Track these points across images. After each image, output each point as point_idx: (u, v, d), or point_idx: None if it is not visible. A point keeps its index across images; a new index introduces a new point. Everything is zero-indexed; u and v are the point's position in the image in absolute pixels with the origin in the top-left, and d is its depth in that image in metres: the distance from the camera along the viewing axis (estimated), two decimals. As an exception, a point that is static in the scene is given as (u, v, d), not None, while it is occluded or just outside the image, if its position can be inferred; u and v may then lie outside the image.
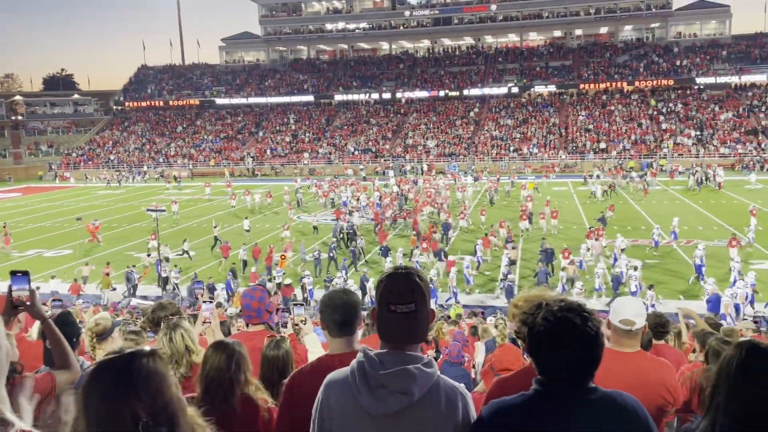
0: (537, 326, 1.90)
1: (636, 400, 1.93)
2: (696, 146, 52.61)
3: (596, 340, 1.88)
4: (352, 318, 2.69)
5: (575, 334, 1.85)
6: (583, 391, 1.87)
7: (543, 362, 1.91)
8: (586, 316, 1.89)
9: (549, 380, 1.89)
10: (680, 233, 26.02)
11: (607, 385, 2.88)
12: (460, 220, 29.94)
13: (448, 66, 72.10)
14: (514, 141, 58.22)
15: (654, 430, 1.89)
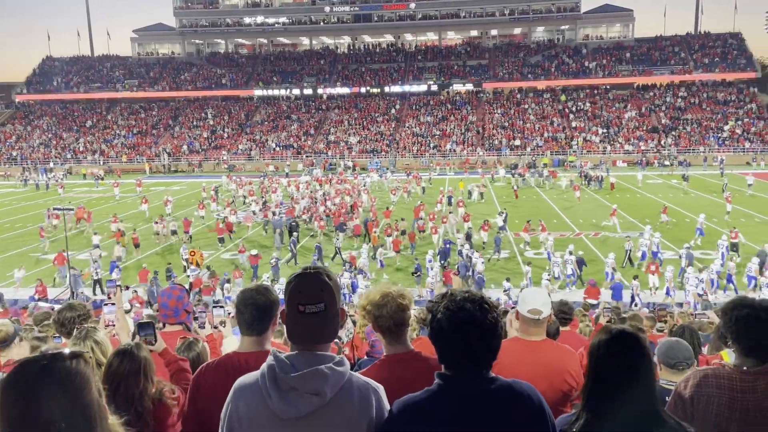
0: (439, 314, 1.97)
1: (532, 388, 2.04)
2: (603, 143, 55.53)
3: (494, 331, 1.97)
4: (262, 317, 2.67)
5: (474, 323, 1.93)
6: (482, 382, 1.96)
7: (443, 349, 1.99)
8: (487, 308, 1.98)
9: (450, 373, 1.97)
10: (589, 226, 27.46)
11: (516, 372, 3.08)
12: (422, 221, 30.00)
13: (369, 63, 72.48)
14: (434, 138, 59.33)
15: (548, 415, 2.00)
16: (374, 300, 2.66)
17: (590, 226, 28.54)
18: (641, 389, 2.06)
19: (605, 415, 2.06)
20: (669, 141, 54.50)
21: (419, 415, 1.93)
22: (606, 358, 2.09)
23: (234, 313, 2.96)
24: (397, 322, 2.63)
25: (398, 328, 2.64)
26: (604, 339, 2.15)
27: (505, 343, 3.33)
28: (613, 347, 2.10)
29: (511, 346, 3.20)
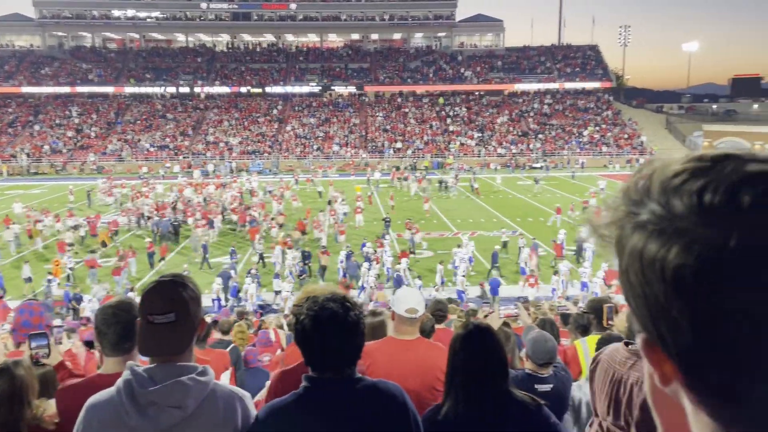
0: (302, 316, 2.00)
1: (397, 387, 2.11)
2: (479, 146, 58.28)
3: (357, 329, 2.01)
4: (128, 335, 2.48)
5: (337, 322, 1.96)
6: (347, 382, 2.01)
7: (308, 350, 2.01)
8: (349, 306, 2.02)
9: (316, 375, 2.01)
10: (465, 226, 28.72)
11: (390, 371, 3.19)
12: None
13: (249, 62, 70.97)
14: (317, 140, 59.25)
15: (411, 413, 2.09)
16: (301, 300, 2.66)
17: (468, 225, 29.83)
18: (493, 374, 2.34)
19: (465, 400, 2.29)
20: (537, 145, 58.27)
21: (285, 419, 1.95)
22: (462, 349, 2.36)
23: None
24: None
25: None
26: (461, 333, 2.41)
27: (380, 342, 3.44)
28: (468, 340, 2.37)
29: (385, 345, 3.29)
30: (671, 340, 0.51)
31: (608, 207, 0.53)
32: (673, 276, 0.48)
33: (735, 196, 0.47)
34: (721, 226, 0.46)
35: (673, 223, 0.48)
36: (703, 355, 0.49)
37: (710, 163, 0.50)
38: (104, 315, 2.52)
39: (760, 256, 0.45)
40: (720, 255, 0.46)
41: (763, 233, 0.45)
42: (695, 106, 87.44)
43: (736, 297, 0.46)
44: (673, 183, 0.50)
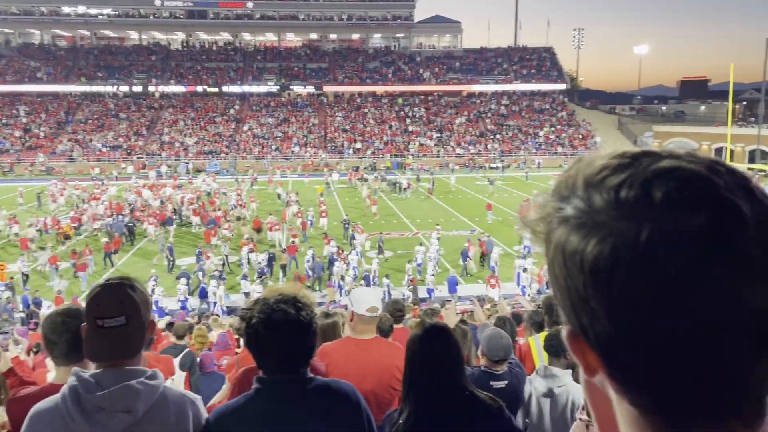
0: (254, 319, 1.97)
1: (350, 386, 2.12)
2: (438, 147, 58.74)
3: (309, 329, 2.00)
4: (79, 343, 2.34)
5: (289, 322, 1.95)
6: (300, 382, 1.99)
7: (260, 353, 1.99)
8: (300, 306, 2.00)
9: (267, 376, 1.99)
10: (425, 225, 28.92)
11: (348, 371, 3.20)
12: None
13: (205, 61, 69.82)
14: (275, 140, 58.72)
15: (364, 413, 2.09)
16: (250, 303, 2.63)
17: (428, 225, 30.03)
18: (452, 374, 2.31)
19: (424, 401, 2.26)
20: (495, 145, 59.08)
21: (237, 421, 1.93)
22: (420, 350, 2.31)
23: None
24: None
25: None
26: (418, 334, 2.37)
27: (337, 343, 3.45)
28: (425, 340, 2.33)
29: (342, 345, 3.31)
30: (591, 330, 0.52)
31: (539, 203, 0.55)
32: (590, 267, 0.50)
33: (648, 191, 0.49)
34: (634, 219, 0.48)
35: (593, 217, 0.50)
36: (619, 344, 0.51)
37: (630, 159, 0.52)
38: (53, 324, 2.43)
39: (668, 247, 0.47)
40: (632, 247, 0.48)
41: (671, 225, 0.47)
42: (646, 107, 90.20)
43: (647, 287, 0.48)
44: (595, 179, 0.52)
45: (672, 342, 0.49)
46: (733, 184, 0.50)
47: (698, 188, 0.49)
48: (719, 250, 0.47)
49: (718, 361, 0.49)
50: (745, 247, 0.48)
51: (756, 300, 0.48)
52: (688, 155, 0.52)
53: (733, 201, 0.49)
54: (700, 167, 0.51)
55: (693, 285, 0.47)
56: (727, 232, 0.48)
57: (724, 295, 0.47)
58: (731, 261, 0.47)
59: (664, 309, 0.48)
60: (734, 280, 0.47)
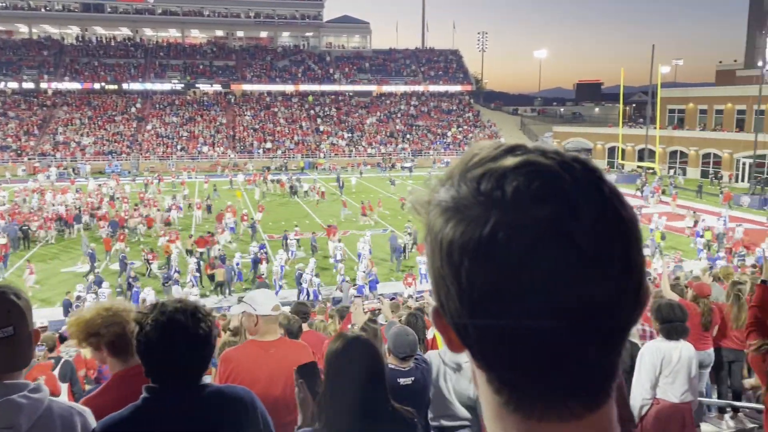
0: (147, 326, 1.87)
1: (246, 391, 2.07)
2: (349, 147, 58.89)
3: (207, 341, 1.93)
4: None
5: (185, 334, 1.86)
6: (192, 391, 1.92)
7: (151, 362, 1.89)
8: (200, 317, 1.92)
9: (158, 385, 1.90)
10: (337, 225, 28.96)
11: (255, 375, 3.19)
12: None
13: (103, 57, 66.24)
14: (181, 139, 56.71)
15: (260, 417, 2.07)
16: (88, 318, 2.50)
17: (340, 225, 30.04)
18: (373, 387, 2.22)
19: (341, 415, 2.16)
20: (405, 145, 60.00)
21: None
22: (340, 364, 2.21)
23: None
24: (130, 335, 2.52)
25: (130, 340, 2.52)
26: (339, 346, 2.25)
27: (241, 347, 3.42)
28: (346, 354, 2.21)
29: (247, 349, 3.27)
30: (447, 308, 0.56)
31: (428, 188, 0.57)
32: (446, 249, 0.53)
33: (501, 183, 0.52)
34: (486, 208, 0.51)
35: (457, 203, 0.53)
36: (466, 324, 0.54)
37: (498, 153, 0.56)
38: None
39: (508, 236, 0.50)
40: (479, 234, 0.51)
41: (515, 216, 0.51)
42: (546, 108, 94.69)
43: (487, 273, 0.51)
44: (466, 169, 0.55)
45: (509, 327, 0.51)
46: (584, 180, 0.53)
47: (544, 182, 0.52)
48: (554, 241, 0.50)
49: (553, 348, 0.51)
50: (579, 240, 0.50)
51: (591, 293, 0.50)
52: (550, 151, 0.55)
53: (573, 195, 0.51)
54: (553, 163, 0.53)
55: (528, 274, 0.50)
56: (563, 225, 0.50)
57: (557, 286, 0.50)
58: (564, 253, 0.50)
59: (501, 294, 0.51)
60: (567, 272, 0.50)
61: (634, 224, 0.54)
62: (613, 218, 0.52)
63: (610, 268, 0.51)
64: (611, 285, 0.51)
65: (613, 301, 0.52)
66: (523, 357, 0.53)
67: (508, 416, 0.57)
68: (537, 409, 0.55)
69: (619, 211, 0.53)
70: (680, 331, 4.63)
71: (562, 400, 0.54)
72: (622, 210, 0.53)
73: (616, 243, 0.52)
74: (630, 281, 0.53)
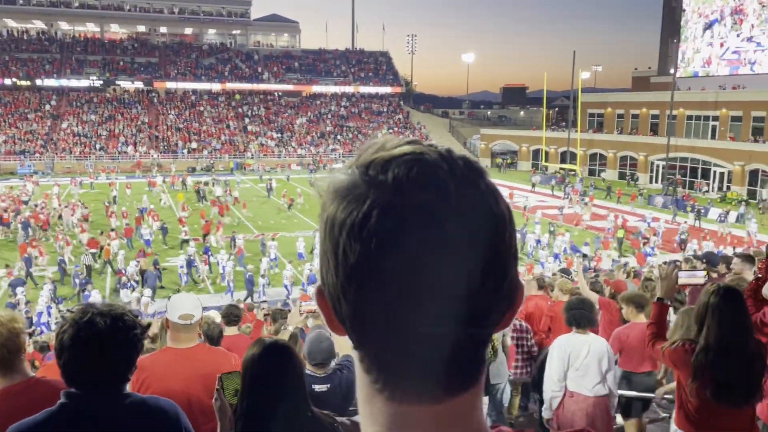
0: (65, 330, 1.79)
1: (168, 402, 1.98)
2: (279, 147, 58.08)
3: (127, 349, 1.85)
4: None
5: (101, 341, 1.78)
6: (113, 399, 1.83)
7: (68, 367, 1.80)
8: (121, 325, 1.83)
9: (77, 391, 1.81)
10: (267, 227, 28.49)
11: (170, 383, 2.98)
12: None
13: (15, 51, 62.41)
14: (99, 138, 54.23)
15: (184, 428, 1.99)
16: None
17: (270, 227, 29.58)
18: (291, 393, 2.18)
19: (259, 421, 2.11)
20: (336, 146, 59.80)
21: None
22: (256, 371, 2.15)
23: None
24: (11, 349, 2.28)
25: (13, 355, 2.29)
26: (256, 353, 2.20)
27: (156, 354, 3.20)
28: (264, 359, 2.17)
29: (162, 356, 3.08)
30: (326, 283, 0.57)
31: (329, 173, 0.59)
32: (329, 225, 0.56)
33: (385, 169, 0.55)
34: (367, 189, 0.54)
35: (347, 186, 0.56)
36: (338, 299, 0.56)
37: (394, 144, 0.58)
38: None
39: (383, 214, 0.53)
40: (354, 214, 0.54)
41: (386, 199, 0.53)
42: (474, 111, 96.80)
43: (354, 251, 0.54)
44: (360, 156, 0.58)
45: (374, 304, 0.53)
46: (462, 174, 0.55)
47: (423, 170, 0.54)
48: (422, 224, 0.52)
49: (414, 330, 0.53)
50: (447, 226, 0.52)
51: (453, 279, 0.52)
52: (440, 148, 0.57)
53: (448, 185, 0.54)
54: (437, 156, 0.56)
55: (395, 253, 0.52)
56: (433, 210, 0.52)
57: (419, 268, 0.52)
58: (431, 236, 0.52)
59: (370, 271, 0.53)
60: (431, 255, 0.52)
61: (504, 220, 0.56)
62: (484, 211, 0.54)
63: (474, 257, 0.53)
64: (474, 274, 0.53)
65: (474, 290, 0.53)
66: (386, 336, 0.54)
67: (376, 396, 0.58)
68: (399, 390, 0.56)
69: (490, 206, 0.55)
70: (579, 319, 4.79)
71: (422, 383, 0.55)
72: (494, 206, 0.55)
73: (482, 233, 0.53)
74: (492, 272, 0.54)
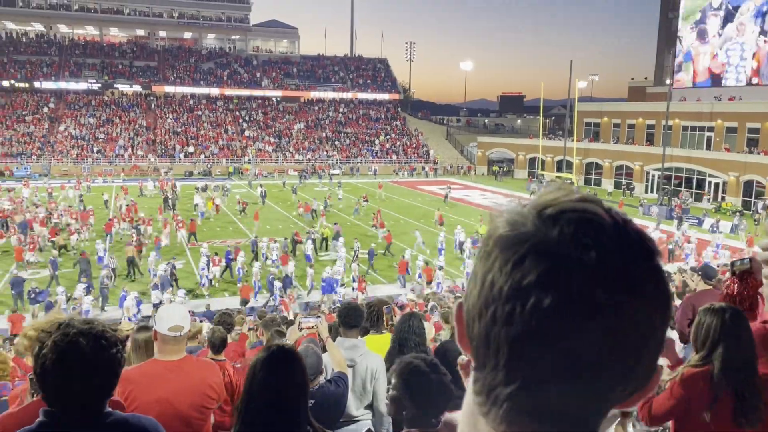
0: (45, 348, 1.76)
1: (151, 421, 1.97)
2: (276, 152, 58.08)
3: (109, 368, 1.82)
4: None
5: (83, 361, 1.75)
6: (93, 418, 1.81)
7: (48, 386, 1.78)
8: (104, 343, 1.80)
9: (57, 409, 1.79)
10: (263, 232, 28.47)
11: (156, 395, 3.00)
12: None
13: (13, 53, 62.42)
14: (97, 141, 54.19)
15: None
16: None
17: (266, 232, 29.54)
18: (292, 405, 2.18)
19: (260, 423, 2.11)
20: (333, 153, 59.80)
21: None
22: (260, 375, 2.17)
23: None
24: None
25: None
26: (262, 356, 2.23)
27: (143, 366, 3.22)
28: (268, 363, 2.19)
29: (148, 369, 3.08)
30: (468, 300, 0.60)
31: (504, 206, 0.61)
32: (487, 249, 0.58)
33: (557, 218, 0.55)
34: (531, 233, 0.55)
35: (516, 223, 0.57)
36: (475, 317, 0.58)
37: (572, 195, 0.58)
38: None
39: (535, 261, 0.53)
40: (514, 249, 0.55)
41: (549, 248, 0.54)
42: (471, 119, 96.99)
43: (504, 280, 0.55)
44: (537, 200, 0.59)
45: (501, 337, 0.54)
46: (630, 243, 0.55)
47: (590, 231, 0.54)
48: (563, 283, 0.52)
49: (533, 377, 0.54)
50: (587, 291, 0.52)
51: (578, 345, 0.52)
52: (614, 212, 0.57)
53: (608, 251, 0.53)
54: (608, 219, 0.56)
55: (526, 300, 0.53)
56: (583, 278, 0.52)
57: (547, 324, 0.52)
58: (560, 296, 0.52)
59: (508, 305, 0.54)
60: (561, 314, 0.52)
61: (662, 305, 0.55)
62: (642, 291, 0.53)
63: (617, 335, 0.52)
64: (611, 350, 0.52)
65: (606, 364, 0.53)
66: (505, 373, 0.55)
67: (479, 419, 0.59)
68: (503, 424, 0.56)
69: (651, 288, 0.54)
70: None
71: (525, 426, 0.56)
72: (654, 288, 0.54)
73: (635, 314, 0.53)
74: (633, 352, 0.54)
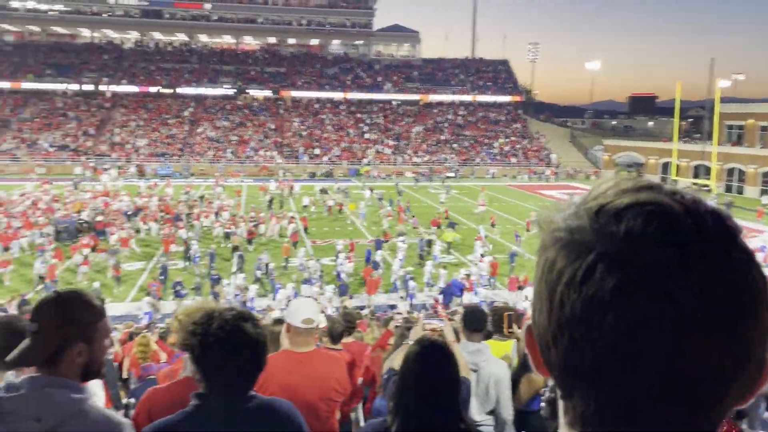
0: (211, 335, 1.90)
1: (290, 406, 2.08)
2: (395, 155, 58.95)
3: (265, 348, 1.98)
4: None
5: (248, 340, 1.91)
6: (241, 401, 1.93)
7: (209, 369, 1.91)
8: (256, 323, 1.98)
9: (209, 393, 1.92)
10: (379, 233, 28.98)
11: (287, 383, 3.11)
12: None
13: (159, 61, 68.39)
14: (231, 143, 57.90)
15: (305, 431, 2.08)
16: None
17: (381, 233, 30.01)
18: (444, 398, 2.21)
19: (416, 417, 2.17)
20: (452, 155, 59.65)
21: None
22: (415, 366, 2.23)
23: None
24: None
25: None
26: (415, 349, 2.30)
27: (275, 356, 3.34)
28: (422, 356, 2.26)
29: (280, 359, 3.20)
30: (537, 324, 0.57)
31: (555, 209, 0.58)
32: (548, 268, 0.54)
33: (619, 217, 0.51)
34: (594, 238, 0.51)
35: (570, 229, 0.54)
36: (549, 342, 0.54)
37: (629, 188, 0.54)
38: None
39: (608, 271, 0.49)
40: (581, 261, 0.51)
41: (620, 253, 0.49)
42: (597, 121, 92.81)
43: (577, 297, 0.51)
44: (588, 199, 0.56)
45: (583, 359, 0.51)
46: (710, 236, 0.50)
47: (662, 227, 0.49)
48: (650, 289, 0.48)
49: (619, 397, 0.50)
50: (679, 295, 0.47)
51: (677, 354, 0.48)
52: (686, 197, 0.52)
53: (690, 249, 0.48)
54: (681, 209, 0.51)
55: (614, 312, 0.48)
56: (665, 275, 0.48)
57: (638, 334, 0.48)
58: (657, 304, 0.48)
59: (585, 324, 0.50)
60: (654, 324, 0.47)
61: (755, 294, 0.49)
62: (730, 282, 0.48)
63: (708, 336, 0.47)
64: (704, 355, 0.48)
65: (707, 370, 0.48)
66: (596, 394, 0.52)
67: None
68: None
69: (740, 276, 0.49)
70: None
71: None
72: (745, 276, 0.49)
73: (724, 309, 0.48)
74: (731, 354, 0.48)
